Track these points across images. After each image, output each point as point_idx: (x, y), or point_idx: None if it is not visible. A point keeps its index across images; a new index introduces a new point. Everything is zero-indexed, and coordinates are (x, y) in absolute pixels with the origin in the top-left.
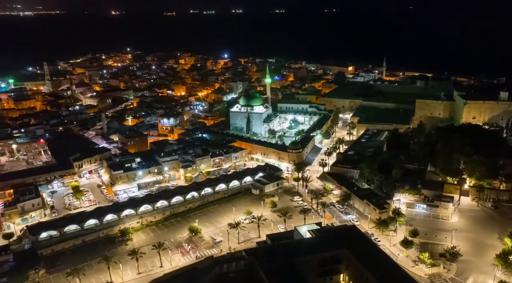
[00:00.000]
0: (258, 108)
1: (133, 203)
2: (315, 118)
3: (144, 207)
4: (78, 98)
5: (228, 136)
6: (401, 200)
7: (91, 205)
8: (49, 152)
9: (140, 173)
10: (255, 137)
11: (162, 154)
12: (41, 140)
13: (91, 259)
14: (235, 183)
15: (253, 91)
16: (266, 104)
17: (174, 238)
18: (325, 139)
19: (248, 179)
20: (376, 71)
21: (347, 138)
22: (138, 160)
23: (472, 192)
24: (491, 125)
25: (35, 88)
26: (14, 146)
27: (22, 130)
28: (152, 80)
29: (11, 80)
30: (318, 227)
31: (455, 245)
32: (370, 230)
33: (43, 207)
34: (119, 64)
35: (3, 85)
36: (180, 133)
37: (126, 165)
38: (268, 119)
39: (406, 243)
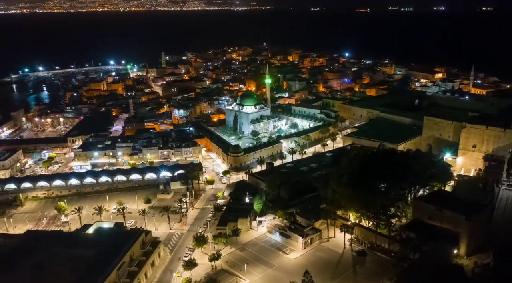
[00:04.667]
0: (249, 108)
1: (50, 177)
2: (318, 124)
3: (58, 182)
4: (150, 85)
5: (201, 131)
6: (265, 223)
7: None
8: (71, 127)
9: (96, 153)
10: (231, 138)
11: (119, 140)
12: (81, 117)
13: None
14: (151, 175)
15: (249, 91)
16: (262, 105)
17: (49, 212)
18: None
19: (167, 173)
20: (457, 81)
21: (321, 150)
22: (108, 142)
23: (356, 231)
24: (495, 159)
25: (151, 75)
26: (61, 119)
27: (73, 107)
28: (236, 74)
29: (129, 66)
30: (113, 227)
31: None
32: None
33: (9, 168)
34: (240, 58)
35: (134, 70)
36: (176, 125)
37: (99, 145)
38: (259, 120)
39: (188, 265)
